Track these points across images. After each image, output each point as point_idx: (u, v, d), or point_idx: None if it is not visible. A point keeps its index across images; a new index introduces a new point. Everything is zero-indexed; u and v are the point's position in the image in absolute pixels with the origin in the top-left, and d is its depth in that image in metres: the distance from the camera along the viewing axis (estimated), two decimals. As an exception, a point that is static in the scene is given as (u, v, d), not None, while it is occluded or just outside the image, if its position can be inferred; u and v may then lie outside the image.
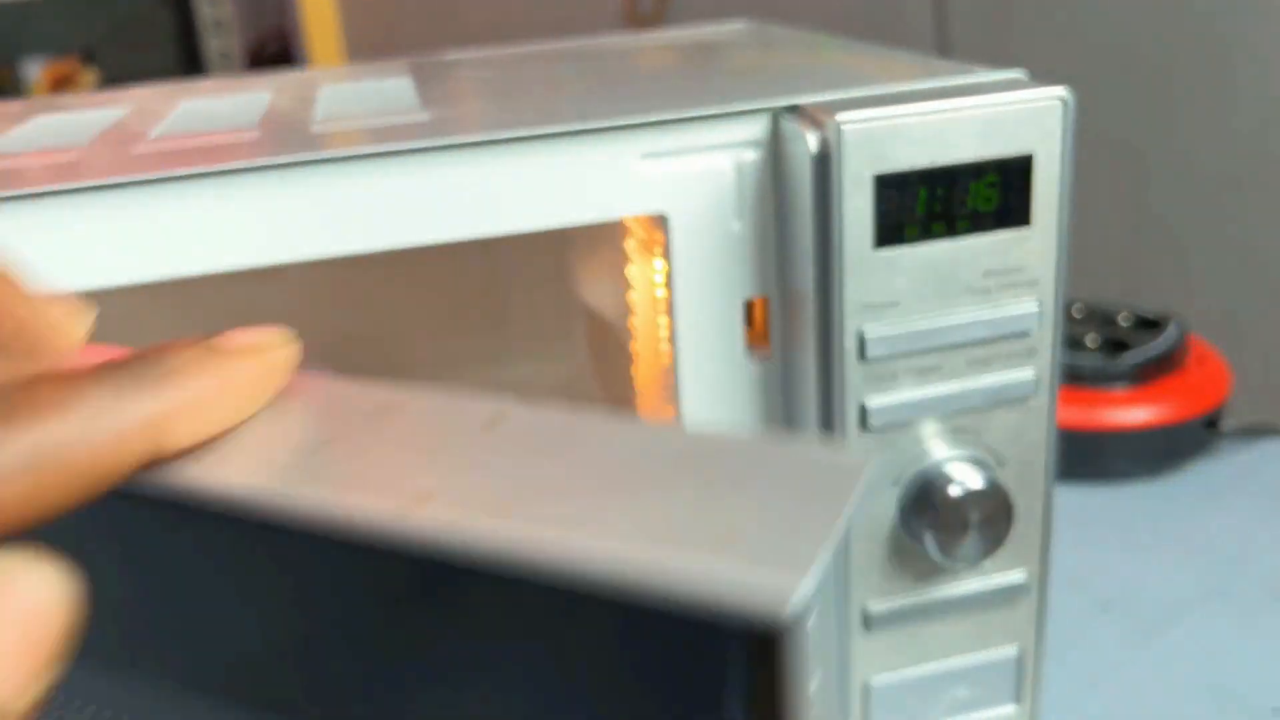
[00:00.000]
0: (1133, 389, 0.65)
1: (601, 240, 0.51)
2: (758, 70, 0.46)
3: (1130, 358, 0.66)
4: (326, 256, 0.36)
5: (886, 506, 0.39)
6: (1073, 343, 0.67)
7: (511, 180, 0.36)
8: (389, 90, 0.47)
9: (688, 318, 0.39)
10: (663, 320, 0.42)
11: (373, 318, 0.67)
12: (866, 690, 0.41)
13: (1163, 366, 0.65)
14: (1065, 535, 0.59)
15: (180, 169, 0.34)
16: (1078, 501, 0.63)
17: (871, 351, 0.36)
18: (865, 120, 0.34)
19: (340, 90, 0.48)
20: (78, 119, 0.47)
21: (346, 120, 0.41)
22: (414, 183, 0.35)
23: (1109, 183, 1.14)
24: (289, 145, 0.36)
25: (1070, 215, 0.37)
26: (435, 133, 0.36)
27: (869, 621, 0.40)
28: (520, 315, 0.68)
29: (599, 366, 0.60)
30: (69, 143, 0.41)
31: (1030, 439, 0.39)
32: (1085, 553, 0.58)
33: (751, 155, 0.37)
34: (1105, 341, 0.69)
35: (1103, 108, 1.08)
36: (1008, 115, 0.35)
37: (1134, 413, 0.65)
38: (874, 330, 0.36)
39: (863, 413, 0.37)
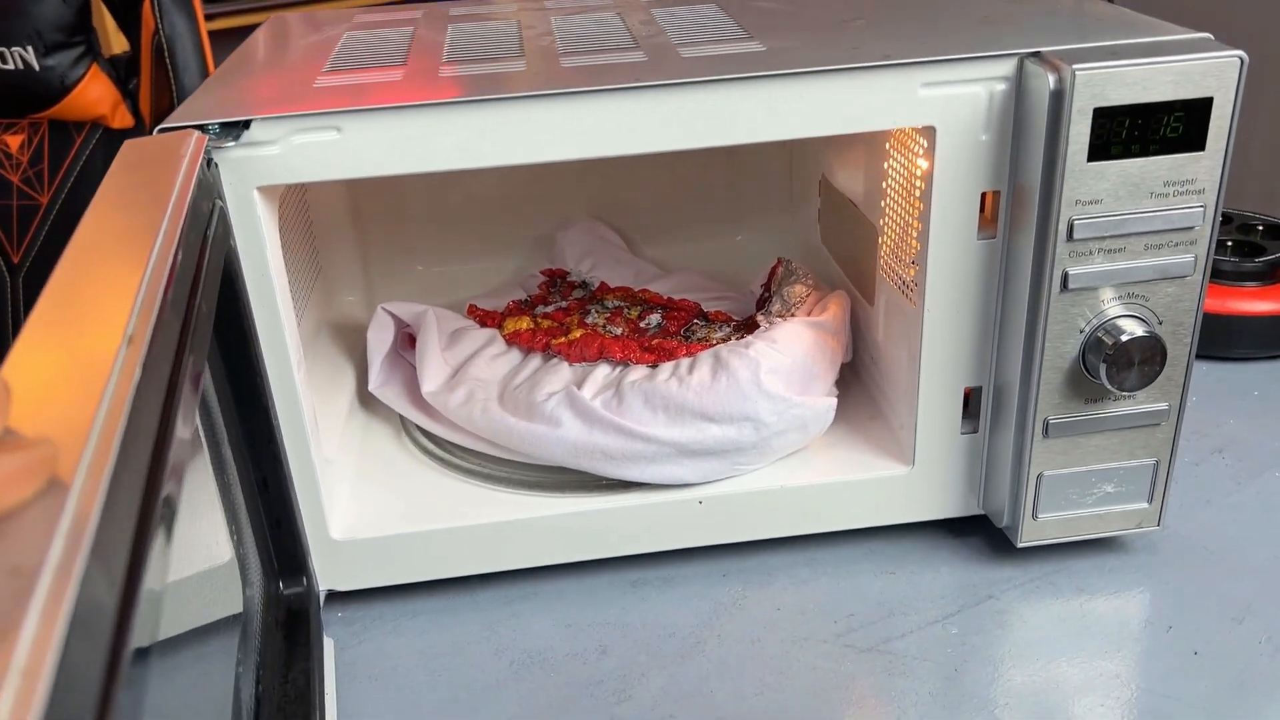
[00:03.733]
0: (1261, 286, 0.78)
1: (861, 140, 0.66)
2: (1006, 19, 0.59)
3: (1262, 259, 0.79)
4: (655, 150, 0.51)
5: (1072, 346, 0.54)
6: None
7: (827, 99, 0.51)
8: (709, 18, 0.62)
9: (940, 203, 0.54)
10: (914, 205, 0.57)
11: (631, 189, 0.83)
12: (1040, 479, 0.57)
13: (1290, 268, 0.78)
14: (1195, 397, 0.74)
15: (596, 84, 0.50)
16: (1207, 373, 0.77)
17: (1077, 234, 0.51)
18: (1092, 69, 0.49)
19: (671, 14, 0.64)
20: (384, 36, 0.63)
21: (700, 46, 0.56)
22: (755, 99, 0.51)
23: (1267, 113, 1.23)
24: (674, 68, 0.52)
25: (1234, 142, 0.51)
26: (775, 63, 0.51)
27: (1048, 429, 0.56)
28: (752, 191, 0.84)
29: (831, 234, 0.76)
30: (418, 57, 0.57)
31: (1184, 306, 0.54)
32: (1209, 411, 0.73)
33: (1001, 86, 0.52)
34: (1242, 244, 0.82)
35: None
36: (1197, 69, 0.49)
37: (1259, 304, 0.78)
38: (1080, 219, 0.51)
39: (1064, 278, 0.52)
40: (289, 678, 0.46)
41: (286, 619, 0.50)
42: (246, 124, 0.49)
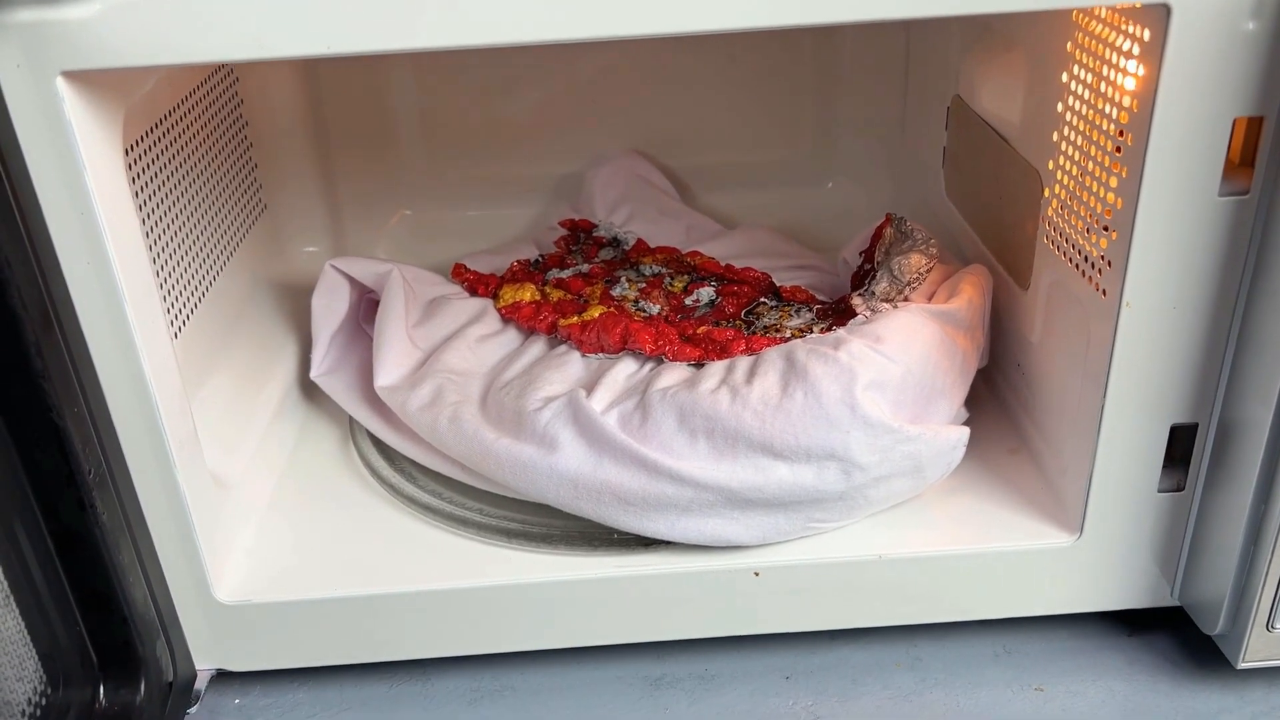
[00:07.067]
0: None
1: (1024, 35, 0.44)
2: None
3: None
4: (675, 32, 0.32)
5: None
6: None
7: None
8: None
9: (1166, 136, 0.34)
10: (1114, 139, 0.36)
11: (688, 114, 0.63)
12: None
13: None
14: None
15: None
16: None
17: None
18: None
19: None
20: None
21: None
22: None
23: None
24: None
25: None
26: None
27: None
28: (851, 118, 0.63)
29: (964, 182, 0.55)
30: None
31: None
32: None
33: (1290, -61, 0.31)
34: None
35: None
36: None
37: None
38: None
39: (1378, 264, 0.32)
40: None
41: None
42: (33, -32, 0.30)
